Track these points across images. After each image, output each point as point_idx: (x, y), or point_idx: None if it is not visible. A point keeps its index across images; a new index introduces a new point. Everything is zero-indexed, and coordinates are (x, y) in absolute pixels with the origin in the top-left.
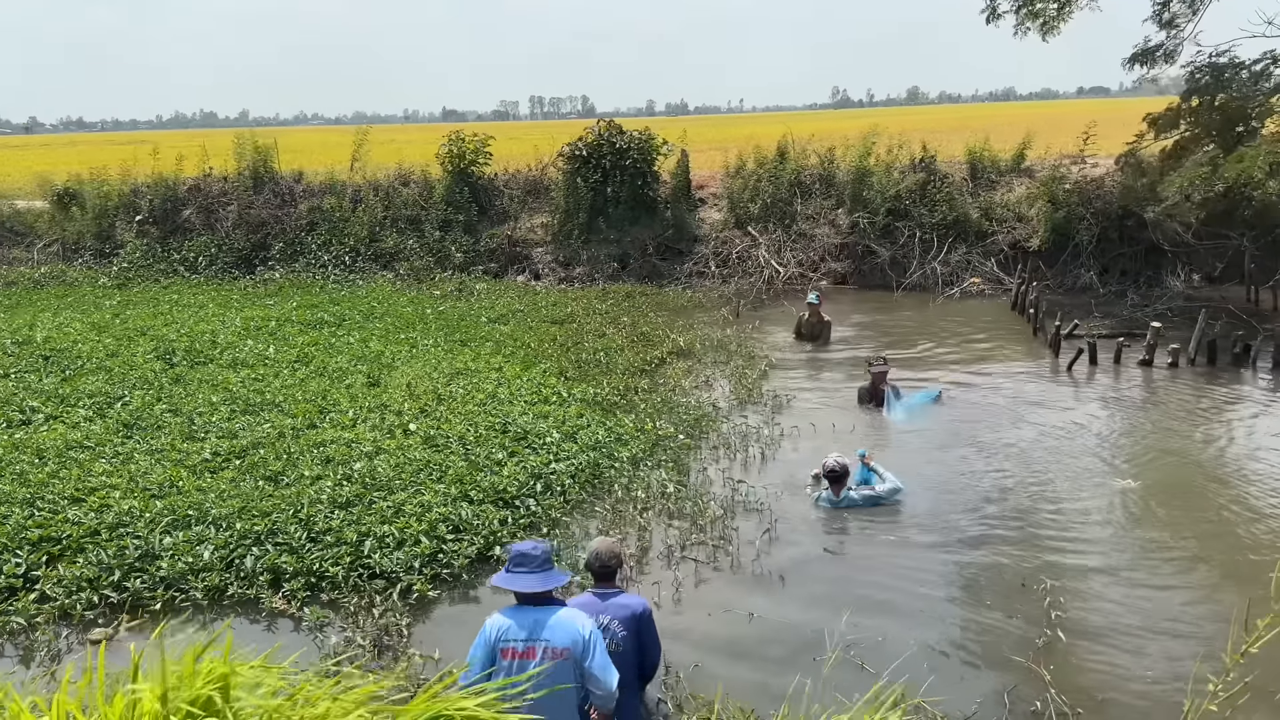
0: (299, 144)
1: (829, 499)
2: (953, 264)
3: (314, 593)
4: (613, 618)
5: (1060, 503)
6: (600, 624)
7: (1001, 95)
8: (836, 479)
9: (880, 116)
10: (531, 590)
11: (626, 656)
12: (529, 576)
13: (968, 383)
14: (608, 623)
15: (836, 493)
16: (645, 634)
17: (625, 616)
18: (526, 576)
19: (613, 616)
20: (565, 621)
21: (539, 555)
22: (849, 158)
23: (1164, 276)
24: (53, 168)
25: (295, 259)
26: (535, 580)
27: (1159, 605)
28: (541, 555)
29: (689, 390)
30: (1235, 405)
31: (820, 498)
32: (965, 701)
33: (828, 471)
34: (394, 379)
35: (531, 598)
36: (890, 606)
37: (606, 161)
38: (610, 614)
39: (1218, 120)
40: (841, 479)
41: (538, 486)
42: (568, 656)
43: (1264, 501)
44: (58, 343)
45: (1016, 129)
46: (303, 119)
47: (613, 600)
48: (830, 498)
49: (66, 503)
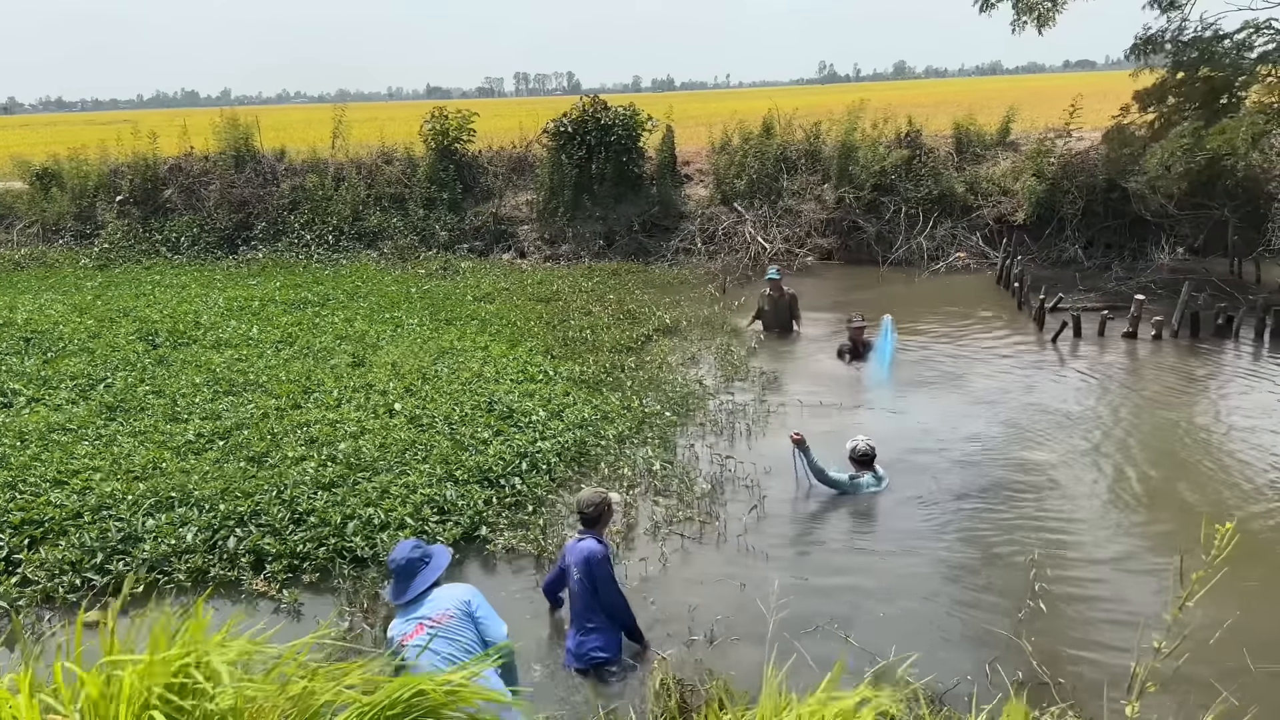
0: (281, 122)
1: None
2: (938, 239)
3: (295, 575)
4: (571, 561)
5: (1043, 476)
6: (568, 564)
7: (988, 69)
8: (867, 462)
9: (867, 91)
10: (414, 595)
11: (583, 595)
12: (401, 586)
13: (953, 356)
14: (571, 561)
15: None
16: (596, 574)
17: (579, 559)
18: (400, 586)
19: (571, 560)
20: (439, 594)
21: (404, 565)
22: (835, 133)
23: (1148, 249)
24: (31, 148)
25: (278, 238)
26: (409, 589)
27: (1142, 577)
28: (405, 566)
29: (675, 368)
30: (1218, 377)
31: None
32: (948, 674)
33: (859, 455)
34: (379, 359)
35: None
36: (874, 581)
37: (591, 138)
38: (570, 557)
39: (1202, 91)
40: (869, 462)
41: (523, 465)
42: (453, 614)
43: (1245, 472)
44: (39, 324)
45: (1002, 103)
46: (285, 97)
47: (577, 544)
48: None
49: (48, 485)
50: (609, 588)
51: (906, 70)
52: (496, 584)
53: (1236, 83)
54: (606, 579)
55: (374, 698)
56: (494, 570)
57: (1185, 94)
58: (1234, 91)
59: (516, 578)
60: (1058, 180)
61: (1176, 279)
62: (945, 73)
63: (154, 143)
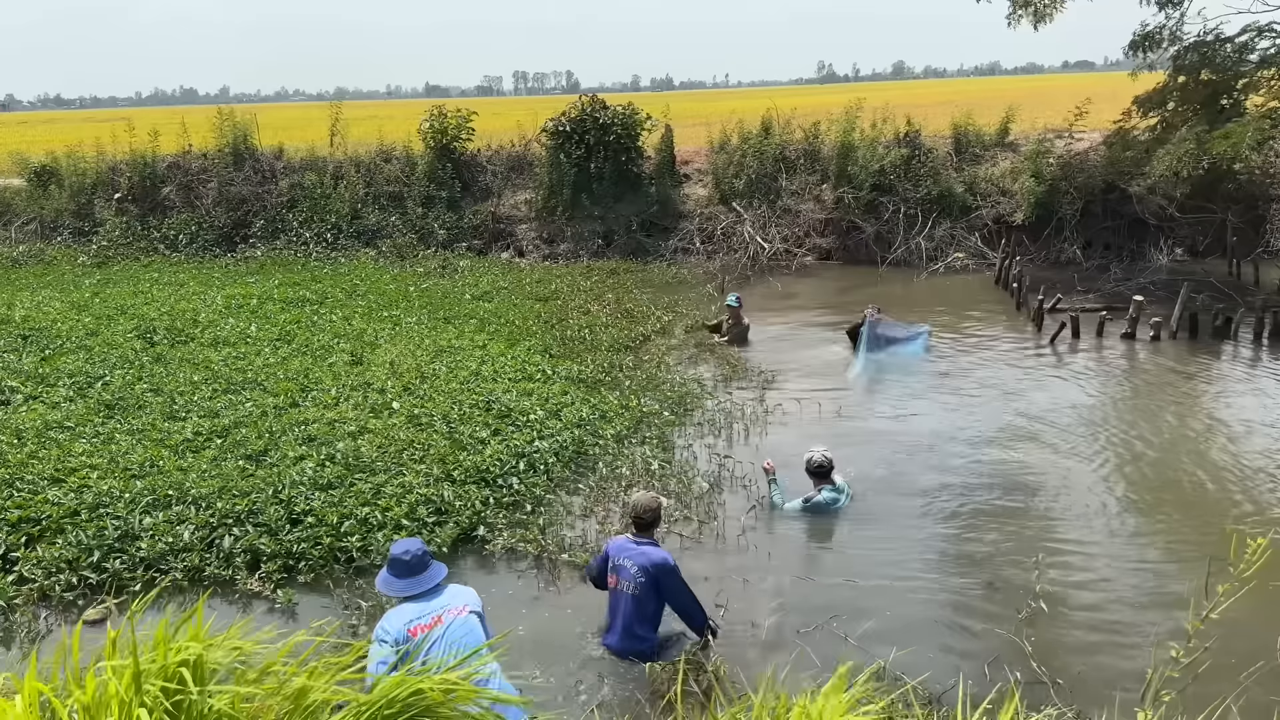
0: (280, 120)
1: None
2: (937, 239)
3: (290, 575)
4: (635, 563)
5: (1042, 476)
6: (621, 564)
7: (987, 70)
8: (824, 474)
9: (866, 91)
10: (422, 590)
11: (641, 600)
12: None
13: (951, 356)
14: (628, 565)
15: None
16: (664, 584)
17: (644, 564)
18: (413, 580)
19: (635, 562)
20: (455, 589)
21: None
22: (834, 133)
23: (1147, 251)
24: (30, 145)
25: (277, 236)
26: (422, 581)
27: (1141, 577)
28: (420, 557)
29: (673, 367)
30: (1216, 378)
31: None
32: (947, 673)
33: (815, 467)
34: (377, 357)
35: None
36: (874, 580)
37: (590, 137)
38: (634, 559)
39: (1203, 94)
40: (826, 474)
41: (521, 465)
42: (469, 609)
43: (1245, 474)
44: (36, 322)
45: (1001, 103)
46: (284, 95)
47: (640, 548)
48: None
49: (46, 483)
50: (684, 599)
51: (905, 70)
52: (496, 585)
53: (1237, 86)
54: (680, 590)
55: (371, 696)
56: (493, 570)
57: (1186, 97)
58: (1235, 95)
59: (516, 579)
60: (1056, 181)
61: (1175, 280)
62: (944, 73)
63: (155, 141)
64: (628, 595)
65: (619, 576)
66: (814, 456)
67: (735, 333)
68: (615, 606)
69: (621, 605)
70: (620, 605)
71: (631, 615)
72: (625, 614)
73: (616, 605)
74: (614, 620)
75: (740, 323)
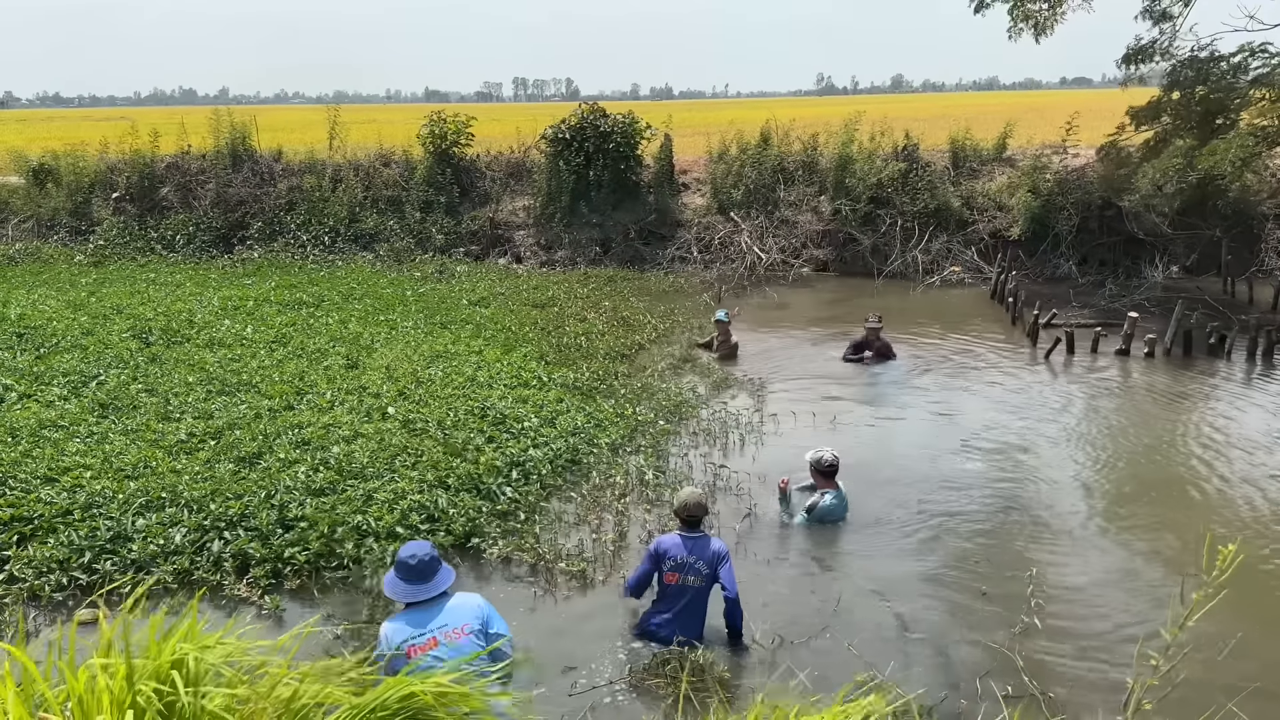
0: (279, 122)
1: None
2: (934, 252)
3: (278, 580)
4: (698, 557)
5: (1035, 489)
6: (685, 561)
7: (985, 84)
8: (831, 474)
9: (864, 104)
10: (426, 598)
11: (705, 591)
12: (419, 585)
13: (947, 370)
14: (694, 561)
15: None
16: (721, 570)
17: (708, 555)
18: (417, 586)
19: (698, 556)
20: (457, 605)
21: (426, 561)
22: (832, 145)
23: (1142, 267)
24: (28, 144)
25: (274, 238)
26: (426, 588)
27: (1133, 592)
28: (428, 562)
29: (669, 375)
30: (1210, 395)
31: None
32: (941, 687)
33: (826, 466)
34: (373, 361)
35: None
36: (868, 592)
37: (589, 145)
38: (695, 554)
39: (1197, 113)
40: (832, 475)
41: (514, 473)
42: (468, 630)
43: (1237, 489)
44: (32, 320)
45: (999, 118)
46: (283, 97)
47: (698, 541)
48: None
49: (39, 482)
50: (731, 582)
51: (904, 84)
52: (491, 595)
53: (1231, 105)
54: (731, 576)
55: (363, 700)
56: (489, 580)
57: (1180, 114)
58: (1229, 113)
59: (512, 587)
60: (1053, 196)
61: (1170, 297)
62: (942, 87)
63: (155, 141)
64: (694, 588)
65: (682, 574)
66: (825, 456)
67: (725, 348)
68: (676, 598)
69: (686, 598)
70: (684, 598)
71: (696, 606)
72: (689, 605)
73: (678, 597)
74: (671, 612)
75: (729, 339)
